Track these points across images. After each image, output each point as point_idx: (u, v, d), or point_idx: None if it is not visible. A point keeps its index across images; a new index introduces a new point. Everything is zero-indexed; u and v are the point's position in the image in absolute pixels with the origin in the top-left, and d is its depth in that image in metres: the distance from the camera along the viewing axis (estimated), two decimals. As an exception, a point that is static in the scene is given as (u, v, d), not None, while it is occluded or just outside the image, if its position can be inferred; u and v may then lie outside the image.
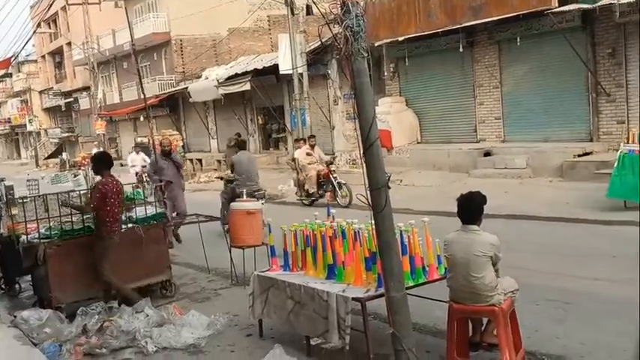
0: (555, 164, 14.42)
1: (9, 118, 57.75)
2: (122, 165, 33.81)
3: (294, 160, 15.84)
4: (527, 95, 16.46)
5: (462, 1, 16.02)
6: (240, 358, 5.63)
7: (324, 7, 4.44)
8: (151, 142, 21.73)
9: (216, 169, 26.68)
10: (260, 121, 28.14)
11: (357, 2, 4.19)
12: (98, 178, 7.27)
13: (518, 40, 15.86)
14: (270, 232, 6.15)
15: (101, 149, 25.16)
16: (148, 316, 6.44)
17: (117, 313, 6.47)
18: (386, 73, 20.09)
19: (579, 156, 14.40)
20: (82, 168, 30.46)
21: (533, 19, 15.23)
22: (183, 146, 28.12)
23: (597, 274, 7.06)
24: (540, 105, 16.12)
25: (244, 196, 8.61)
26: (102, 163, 7.25)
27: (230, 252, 8.08)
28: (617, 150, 11.06)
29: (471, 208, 4.77)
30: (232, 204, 8.12)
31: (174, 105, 33.76)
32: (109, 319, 6.31)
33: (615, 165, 10.47)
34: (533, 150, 15.36)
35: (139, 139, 29.14)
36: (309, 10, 17.04)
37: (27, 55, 53.44)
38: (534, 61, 16.15)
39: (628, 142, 10.74)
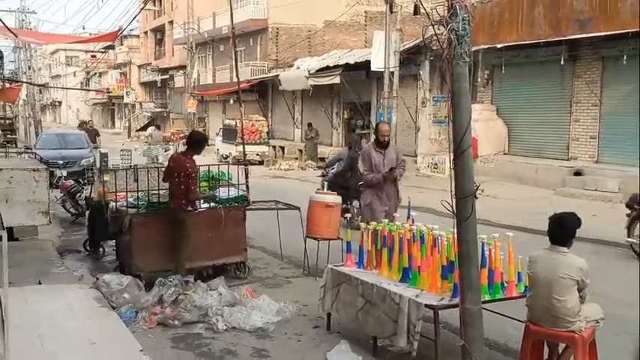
0: (650, 192, 13.65)
1: (108, 89, 60.53)
2: (208, 144, 34.87)
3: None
4: (627, 116, 15.66)
5: (569, 12, 15.41)
6: (306, 347, 5.68)
7: (429, 7, 4.38)
8: (239, 125, 22.29)
9: (297, 158, 26.98)
10: (345, 116, 28.20)
11: (466, 6, 4.10)
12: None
13: (625, 58, 15.10)
14: (348, 227, 6.15)
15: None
16: (221, 294, 6.59)
17: (192, 287, 6.66)
18: (479, 80, 19.63)
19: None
20: (172, 143, 31.58)
21: (644, 38, 14.46)
22: (268, 132, 28.58)
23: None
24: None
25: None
26: (194, 143, 7.35)
27: (305, 242, 8.15)
28: None
29: (563, 229, 4.59)
30: (312, 195, 8.18)
31: (263, 91, 34.35)
32: (184, 293, 6.51)
33: None
34: (627, 174, 14.61)
35: (227, 122, 29.87)
36: (416, 10, 16.84)
37: (131, 30, 55.74)
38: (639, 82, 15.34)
39: None
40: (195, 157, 7.27)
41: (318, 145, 26.41)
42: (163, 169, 7.97)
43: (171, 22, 44.44)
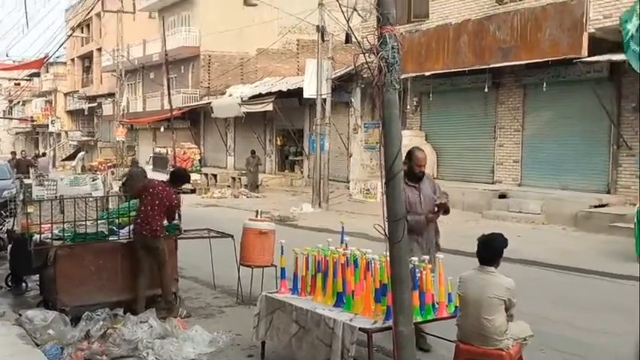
0: (570, 213, 14.30)
1: (32, 117, 58.49)
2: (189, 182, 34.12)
3: None
4: (548, 141, 16.43)
5: (492, 42, 16.10)
6: (240, 378, 5.58)
7: (360, 36, 4.48)
8: (170, 153, 21.94)
9: (230, 186, 26.78)
10: (278, 142, 28.31)
11: (395, 35, 4.22)
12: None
13: (545, 85, 15.88)
14: (282, 253, 6.13)
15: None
16: (151, 327, 6.41)
17: (121, 321, 6.45)
18: (408, 107, 20.16)
19: (595, 207, 14.28)
20: (100, 172, 30.71)
21: (562, 67, 15.27)
22: (200, 160, 28.27)
23: (609, 328, 6.95)
24: (560, 152, 16.08)
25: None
26: (176, 178, 7.76)
27: (238, 270, 8.06)
28: (635, 204, 10.96)
29: (491, 250, 4.74)
30: (245, 222, 8.11)
31: (195, 119, 34.06)
32: (112, 327, 6.30)
33: (635, 221, 10.35)
34: (549, 196, 15.26)
35: (157, 150, 29.38)
36: (348, 39, 17.18)
37: (57, 57, 54.32)
38: (558, 108, 16.15)
39: (647, 198, 10.65)
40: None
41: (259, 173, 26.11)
42: (91, 198, 7.75)
43: (99, 50, 43.61)
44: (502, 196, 16.45)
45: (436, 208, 6.37)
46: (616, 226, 12.80)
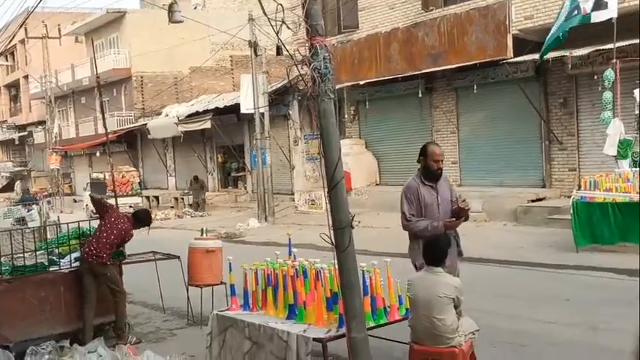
0: (510, 209, 14.75)
1: (-42, 150, 56.04)
2: (75, 201, 33.13)
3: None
4: (482, 141, 16.91)
5: (422, 48, 16.48)
6: (197, 400, 5.49)
7: (292, 49, 4.53)
8: (108, 177, 21.41)
9: (173, 207, 26.36)
10: (219, 160, 28.06)
11: (325, 45, 4.28)
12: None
13: (475, 87, 16.36)
14: (230, 270, 6.08)
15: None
16: (100, 356, 6.22)
17: (68, 352, 6.24)
18: (346, 116, 20.38)
19: (533, 201, 14.77)
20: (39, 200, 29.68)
21: (490, 69, 15.76)
22: (140, 183, 27.73)
23: (552, 317, 7.18)
24: (495, 151, 16.57)
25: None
26: (139, 221, 7.62)
27: (187, 291, 7.94)
28: (569, 196, 11.41)
29: (436, 250, 4.83)
30: (191, 242, 8.01)
31: (132, 141, 33.41)
32: (59, 359, 6.08)
33: (571, 212, 10.77)
34: (488, 194, 15.69)
35: (94, 175, 28.66)
36: (279, 51, 17.27)
37: (-19, 87, 52.37)
38: (490, 109, 16.66)
39: (580, 189, 11.10)
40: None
41: (204, 194, 25.60)
42: (27, 229, 7.50)
43: (26, 77, 42.26)
44: (443, 197, 16.78)
45: (455, 214, 5.60)
46: (553, 219, 13.27)
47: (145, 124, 29.38)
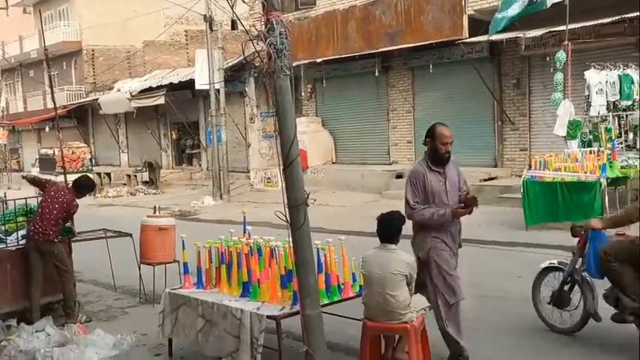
0: (463, 188, 14.96)
1: None
2: (23, 177, 32.15)
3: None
4: (437, 120, 16.96)
5: (379, 27, 16.47)
6: (148, 378, 5.43)
7: (248, 24, 4.44)
8: (58, 153, 20.89)
9: (125, 184, 25.87)
10: (174, 137, 27.63)
11: (282, 20, 4.21)
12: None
13: (431, 67, 16.48)
14: (183, 248, 6.00)
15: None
16: (49, 335, 6.09)
17: (15, 332, 6.09)
18: (303, 94, 20.29)
19: (485, 180, 15.04)
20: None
21: (445, 49, 15.88)
22: (91, 159, 27.05)
23: (503, 293, 7.36)
24: (450, 130, 16.71)
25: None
26: (81, 188, 7.27)
27: (139, 269, 7.82)
28: (520, 176, 11.65)
29: (390, 227, 4.85)
30: (144, 219, 7.87)
31: (82, 116, 32.58)
32: (6, 339, 5.93)
33: (521, 192, 11.00)
34: (442, 173, 15.88)
35: (43, 151, 27.83)
36: (234, 26, 17.02)
37: None
38: (445, 89, 16.81)
39: (530, 169, 11.33)
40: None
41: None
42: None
43: (-30, 48, 40.58)
44: (399, 176, 16.93)
45: (464, 203, 5.23)
46: (504, 198, 13.56)
47: (97, 99, 28.64)
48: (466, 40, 14.63)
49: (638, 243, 5.17)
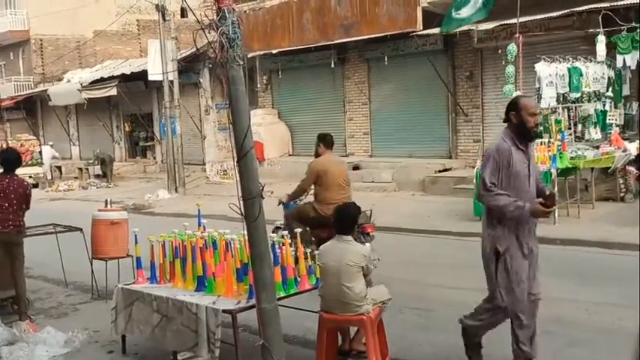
0: (418, 179, 15.15)
1: None
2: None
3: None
4: (393, 113, 17.20)
5: (334, 18, 16.45)
6: (101, 376, 5.31)
7: (199, 13, 4.35)
8: (4, 146, 20.23)
9: (77, 177, 25.25)
10: (127, 129, 27.09)
11: (234, 9, 4.13)
12: None
13: (386, 59, 16.55)
14: (136, 242, 5.87)
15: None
16: (-4, 334, 5.91)
17: (-40, 331, 5.87)
18: (259, 85, 20.14)
19: (439, 172, 15.24)
20: None
21: (400, 41, 15.96)
22: (40, 152, 26.28)
23: (457, 283, 7.46)
24: (405, 122, 16.90)
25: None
26: (10, 162, 6.85)
27: (91, 264, 7.64)
28: (474, 167, 11.83)
29: (345, 219, 4.85)
30: (95, 213, 7.68)
31: (31, 108, 31.62)
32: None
33: (474, 182, 11.15)
34: (398, 165, 16.04)
35: (-11, 144, 26.90)
36: (183, 13, 16.71)
37: None
38: (400, 81, 16.93)
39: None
40: None
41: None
42: None
43: None
44: (355, 167, 17.01)
45: (542, 196, 4.48)
46: (459, 188, 13.75)
47: (46, 90, 27.83)
48: (420, 33, 14.73)
49: (308, 207, 7.31)
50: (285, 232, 5.90)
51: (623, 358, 5.01)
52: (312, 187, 7.50)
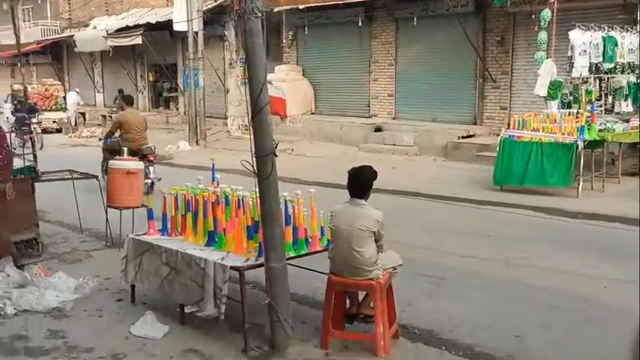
0: (441, 144, 14.91)
1: None
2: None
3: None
4: (419, 75, 16.85)
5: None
6: (108, 323, 5.33)
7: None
8: (30, 90, 20.31)
9: (100, 125, 25.38)
10: (151, 78, 27.01)
11: (254, -42, 3.96)
12: None
13: (415, 20, 16.14)
14: (148, 193, 5.83)
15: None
16: (8, 276, 5.96)
17: (-27, 272, 5.93)
18: (284, 41, 19.83)
19: (463, 138, 14.96)
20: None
21: (431, 1, 15.55)
22: (65, 97, 26.41)
23: (472, 252, 7.35)
24: (431, 86, 16.56)
25: (125, 154, 8.18)
26: None
27: (106, 212, 7.66)
28: (499, 134, 11.57)
29: (360, 182, 4.72)
30: (111, 162, 7.67)
31: (57, 53, 31.65)
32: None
33: (497, 150, 10.94)
34: (421, 129, 15.79)
35: (16, 87, 27.06)
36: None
37: None
38: (428, 42, 16.52)
39: (509, 128, 11.25)
40: None
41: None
42: None
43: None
44: (378, 129, 16.81)
45: None
46: (482, 156, 13.52)
47: (72, 36, 27.75)
48: (452, -7, 14.30)
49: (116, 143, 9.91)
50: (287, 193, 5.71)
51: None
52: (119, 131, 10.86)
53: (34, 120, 15.10)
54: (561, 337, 4.98)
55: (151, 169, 10.76)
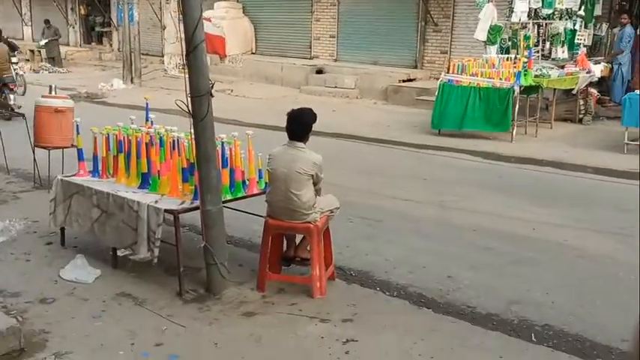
0: (381, 87, 14.87)
1: None
2: None
3: None
4: (361, 17, 16.61)
5: None
6: (36, 267, 5.15)
7: None
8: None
9: (28, 60, 24.07)
10: (82, 12, 25.68)
11: None
12: None
13: (358, -42, 15.78)
14: (78, 133, 5.57)
15: None
16: None
17: None
18: (224, -24, 19.09)
19: (403, 81, 14.97)
20: None
21: (375, -61, 15.17)
22: (-11, 30, 24.80)
23: (408, 195, 7.44)
24: (373, 28, 16.37)
25: None
26: None
27: (34, 152, 7.32)
28: (438, 79, 11.61)
29: (299, 125, 4.63)
30: (37, 99, 7.27)
31: (-20, -17, 29.54)
32: None
33: (436, 94, 10.99)
34: (362, 72, 15.69)
35: None
36: None
37: None
38: (372, -17, 16.23)
39: (449, 72, 11.29)
40: None
41: (59, 45, 23.40)
42: None
43: None
44: (319, 71, 16.60)
45: None
46: (421, 100, 13.59)
47: (-5, -37, 25.93)
48: None
49: None
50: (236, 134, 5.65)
51: (564, 278, 5.14)
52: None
53: (14, 59, 14.12)
54: (491, 277, 5.14)
55: (11, 96, 11.75)
